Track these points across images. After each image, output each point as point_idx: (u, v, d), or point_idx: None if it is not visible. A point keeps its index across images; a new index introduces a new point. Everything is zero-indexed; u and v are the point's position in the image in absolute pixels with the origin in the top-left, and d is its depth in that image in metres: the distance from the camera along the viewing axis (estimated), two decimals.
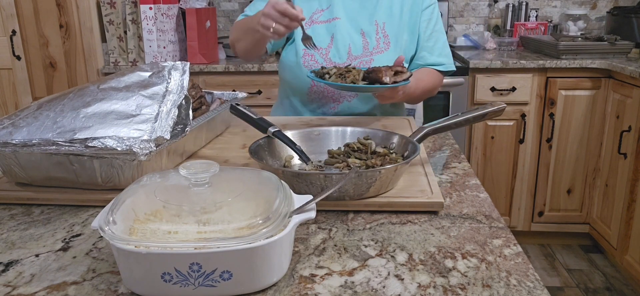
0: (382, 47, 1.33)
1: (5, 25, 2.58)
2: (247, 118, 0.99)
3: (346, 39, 1.33)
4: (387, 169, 0.78)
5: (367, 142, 0.96)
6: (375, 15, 1.35)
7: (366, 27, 1.34)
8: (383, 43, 1.33)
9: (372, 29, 1.34)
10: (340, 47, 1.34)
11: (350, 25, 1.34)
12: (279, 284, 0.60)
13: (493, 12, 2.97)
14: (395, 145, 0.95)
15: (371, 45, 1.33)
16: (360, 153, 0.94)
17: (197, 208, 0.59)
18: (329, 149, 0.98)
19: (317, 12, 1.37)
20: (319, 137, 0.99)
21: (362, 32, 1.34)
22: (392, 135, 0.96)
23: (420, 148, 0.91)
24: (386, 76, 1.12)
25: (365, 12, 1.35)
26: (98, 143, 0.78)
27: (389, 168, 0.78)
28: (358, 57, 1.33)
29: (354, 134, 1.00)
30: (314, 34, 1.32)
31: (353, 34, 1.34)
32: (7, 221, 0.79)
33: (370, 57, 1.33)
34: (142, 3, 2.46)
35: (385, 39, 1.33)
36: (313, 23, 1.35)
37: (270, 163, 0.90)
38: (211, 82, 2.53)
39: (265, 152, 0.92)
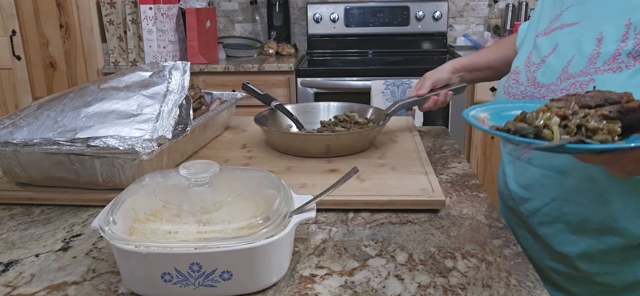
0: (624, 61, 0.76)
1: (5, 25, 2.58)
2: (255, 94, 1.21)
3: (570, 49, 0.84)
4: (366, 131, 1.03)
5: (351, 114, 1.20)
6: (634, 10, 0.79)
7: (609, 29, 0.80)
8: (627, 55, 0.76)
9: (618, 31, 0.79)
10: (557, 61, 0.85)
11: (585, 29, 0.84)
12: (279, 284, 0.60)
13: (493, 12, 2.97)
14: (373, 116, 1.19)
15: (604, 56, 0.78)
16: (346, 122, 1.17)
17: (197, 208, 0.60)
18: (321, 120, 1.21)
19: (556, 19, 0.92)
20: (313, 111, 1.24)
21: (600, 37, 0.81)
22: (369, 108, 1.21)
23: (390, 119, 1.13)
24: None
25: (618, 6, 0.81)
26: (100, 142, 0.78)
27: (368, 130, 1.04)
28: (573, 77, 0.81)
29: (341, 108, 1.24)
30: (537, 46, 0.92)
31: (584, 41, 0.83)
32: (7, 221, 0.79)
33: (590, 77, 0.79)
34: (142, 3, 2.46)
35: (637, 47, 0.76)
36: (543, 34, 0.93)
37: (273, 129, 1.11)
38: (211, 82, 2.53)
39: (268, 121, 1.14)
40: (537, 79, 0.87)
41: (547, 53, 0.89)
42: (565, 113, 0.62)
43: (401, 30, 2.87)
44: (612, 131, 0.59)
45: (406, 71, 2.42)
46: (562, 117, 0.61)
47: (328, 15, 2.87)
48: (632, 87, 0.71)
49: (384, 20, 2.86)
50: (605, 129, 0.59)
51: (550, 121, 0.61)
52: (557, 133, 0.60)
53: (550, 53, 0.88)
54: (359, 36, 2.90)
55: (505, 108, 0.74)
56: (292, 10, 3.03)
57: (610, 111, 0.61)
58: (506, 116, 0.67)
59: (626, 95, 0.63)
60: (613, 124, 0.60)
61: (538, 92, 0.86)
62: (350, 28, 2.88)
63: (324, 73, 2.47)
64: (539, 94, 0.86)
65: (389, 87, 2.38)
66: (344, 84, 2.44)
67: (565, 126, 0.61)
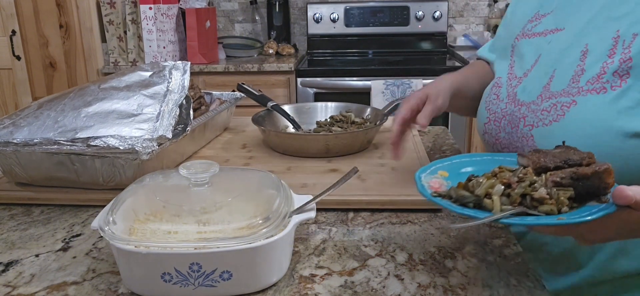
0: (609, 80, 0.68)
1: (5, 25, 2.58)
2: (251, 94, 1.20)
3: (553, 62, 0.76)
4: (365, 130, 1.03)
5: (348, 114, 1.18)
6: (622, 20, 0.70)
7: (594, 41, 0.72)
8: (613, 74, 0.68)
9: (604, 44, 0.70)
10: (538, 75, 0.78)
11: (570, 38, 0.76)
12: (279, 284, 0.60)
13: (493, 12, 2.97)
14: (370, 116, 1.18)
15: (589, 73, 0.70)
16: (342, 122, 1.15)
17: (197, 208, 0.60)
18: (317, 120, 1.19)
19: (534, 20, 0.86)
20: (309, 111, 1.22)
21: (585, 49, 0.72)
22: (366, 108, 1.20)
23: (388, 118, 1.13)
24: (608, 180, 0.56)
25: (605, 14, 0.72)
26: (100, 142, 0.78)
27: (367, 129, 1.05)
28: (554, 96, 0.73)
29: (337, 108, 1.23)
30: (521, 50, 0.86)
31: (569, 53, 0.74)
32: (7, 221, 0.79)
33: (572, 98, 0.71)
34: (142, 3, 2.46)
35: (623, 65, 0.67)
36: (523, 37, 0.86)
37: (269, 128, 1.09)
38: (211, 82, 2.53)
39: (265, 121, 1.13)
40: (518, 96, 0.80)
41: (530, 65, 0.81)
42: (509, 181, 0.57)
43: (401, 30, 2.87)
44: (560, 202, 0.54)
45: (406, 71, 2.42)
46: (506, 185, 0.57)
47: (328, 15, 2.87)
48: (616, 112, 0.66)
49: (384, 20, 2.86)
50: (553, 200, 0.54)
51: (493, 189, 0.57)
52: (498, 204, 0.55)
53: (533, 65, 0.81)
54: (359, 36, 2.90)
55: (463, 164, 0.68)
56: (292, 10, 3.03)
57: (562, 177, 0.56)
58: (465, 174, 0.63)
59: (588, 156, 0.58)
60: (563, 193, 0.55)
61: (518, 111, 0.79)
62: (350, 28, 2.88)
63: (324, 73, 2.47)
64: (519, 114, 0.79)
65: (389, 87, 2.38)
66: (344, 84, 2.44)
67: (508, 195, 0.56)
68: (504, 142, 0.83)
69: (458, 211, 0.55)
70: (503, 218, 0.52)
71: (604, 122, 0.67)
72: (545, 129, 0.73)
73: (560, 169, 0.58)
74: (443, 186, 0.63)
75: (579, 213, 0.53)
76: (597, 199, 0.55)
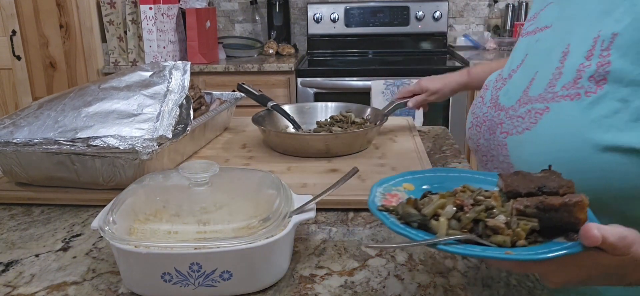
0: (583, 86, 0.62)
1: (5, 25, 2.58)
2: (251, 94, 1.20)
3: (536, 62, 0.71)
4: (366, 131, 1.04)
5: (348, 114, 1.19)
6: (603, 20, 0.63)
7: (576, 41, 0.65)
8: (589, 78, 0.62)
9: (584, 45, 0.64)
10: (521, 77, 0.73)
11: (556, 36, 0.70)
12: (279, 284, 0.60)
13: (493, 12, 2.97)
14: (370, 116, 1.18)
15: (565, 76, 0.64)
16: (343, 122, 1.15)
17: (197, 208, 0.60)
18: (317, 120, 1.20)
19: (533, 17, 0.79)
20: (309, 111, 1.22)
21: (567, 49, 0.66)
22: (366, 108, 1.21)
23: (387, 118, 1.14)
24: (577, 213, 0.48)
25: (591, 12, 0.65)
26: (100, 142, 0.78)
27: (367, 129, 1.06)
28: (531, 101, 0.68)
29: (337, 108, 1.23)
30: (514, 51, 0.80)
31: (552, 53, 0.68)
32: (7, 221, 0.79)
33: (546, 104, 0.65)
34: (142, 3, 2.46)
35: (600, 69, 0.61)
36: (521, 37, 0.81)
37: (270, 128, 1.10)
38: (211, 82, 2.53)
39: (265, 121, 1.13)
40: (499, 100, 0.75)
41: (516, 65, 0.76)
42: (463, 202, 0.50)
43: (401, 30, 2.87)
44: (517, 234, 0.47)
45: (406, 71, 2.42)
46: (459, 207, 0.51)
47: (328, 15, 2.87)
48: (589, 121, 0.59)
49: (384, 20, 2.86)
50: (511, 230, 0.47)
51: (443, 209, 0.51)
52: (444, 227, 0.49)
53: (519, 65, 0.75)
54: (359, 36, 2.90)
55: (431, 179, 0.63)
56: (292, 10, 3.03)
57: (526, 206, 0.48)
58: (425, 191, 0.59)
59: (567, 185, 0.50)
60: (524, 224, 0.48)
61: (497, 116, 0.73)
62: (350, 28, 2.88)
63: (324, 73, 2.47)
64: (497, 119, 0.73)
65: (389, 87, 2.38)
66: (344, 84, 2.44)
67: (459, 218, 0.50)
68: (483, 149, 0.77)
69: (395, 230, 0.49)
70: (441, 244, 0.46)
71: (576, 132, 0.60)
72: (517, 138, 0.67)
73: (533, 195, 0.50)
74: (402, 200, 0.57)
75: (537, 250, 0.45)
76: (566, 236, 0.47)
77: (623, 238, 0.44)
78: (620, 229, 0.45)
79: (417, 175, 0.62)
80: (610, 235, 0.43)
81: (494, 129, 0.74)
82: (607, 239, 0.43)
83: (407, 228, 0.50)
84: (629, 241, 0.44)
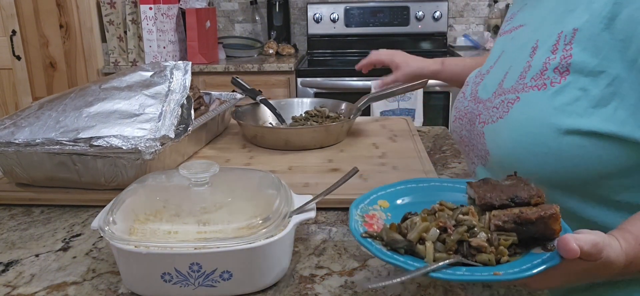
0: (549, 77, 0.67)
1: (5, 25, 2.58)
2: (242, 87, 1.26)
3: (510, 58, 0.77)
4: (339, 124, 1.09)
5: (322, 109, 1.22)
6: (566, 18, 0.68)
7: (543, 37, 0.71)
8: (554, 70, 0.66)
9: (550, 40, 0.69)
10: (497, 72, 0.78)
11: (527, 34, 0.76)
12: (279, 284, 0.60)
13: (493, 12, 2.97)
14: (344, 111, 1.22)
15: (534, 69, 0.69)
16: (317, 117, 1.19)
17: (197, 208, 0.60)
18: (293, 116, 1.24)
19: (510, 18, 0.87)
20: (285, 106, 1.25)
21: (536, 45, 0.71)
22: (341, 103, 1.24)
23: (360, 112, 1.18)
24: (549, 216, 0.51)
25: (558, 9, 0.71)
26: (103, 142, 0.78)
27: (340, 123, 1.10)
28: (504, 93, 0.73)
29: (312, 103, 1.27)
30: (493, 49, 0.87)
31: (523, 50, 0.74)
32: (7, 221, 0.79)
33: (517, 94, 0.70)
34: (142, 3, 2.46)
35: (563, 61, 0.66)
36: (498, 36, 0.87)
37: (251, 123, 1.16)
38: (211, 82, 2.53)
39: (247, 116, 1.19)
40: (478, 93, 0.81)
41: (493, 61, 0.83)
42: (446, 224, 0.52)
43: (401, 31, 2.87)
44: (500, 252, 0.50)
45: None
46: (442, 229, 0.52)
47: (328, 15, 2.87)
48: (553, 108, 0.65)
49: (384, 20, 2.86)
50: (493, 247, 0.50)
51: (427, 233, 0.52)
52: (431, 251, 0.50)
53: (496, 61, 0.82)
54: (359, 36, 2.90)
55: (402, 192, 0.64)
56: (292, 10, 3.03)
57: (504, 221, 0.52)
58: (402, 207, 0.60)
59: (537, 194, 0.54)
60: (505, 240, 0.50)
61: (476, 108, 0.79)
62: (350, 28, 2.88)
63: (324, 73, 2.47)
64: (476, 111, 0.79)
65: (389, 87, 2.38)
66: (344, 84, 2.44)
67: (444, 240, 0.51)
68: (465, 140, 0.83)
69: (384, 259, 0.50)
70: (432, 272, 0.47)
71: (542, 118, 0.66)
72: (493, 126, 0.73)
73: (506, 207, 0.54)
74: (381, 219, 0.58)
75: (520, 264, 0.48)
76: (542, 246, 0.51)
77: (595, 245, 0.47)
78: (591, 236, 0.48)
79: (389, 189, 0.64)
80: (585, 244, 0.47)
81: (474, 121, 0.79)
82: (583, 249, 0.47)
83: (394, 255, 0.50)
84: (600, 247, 0.48)
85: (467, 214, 0.54)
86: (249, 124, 1.15)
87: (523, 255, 0.51)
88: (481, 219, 0.54)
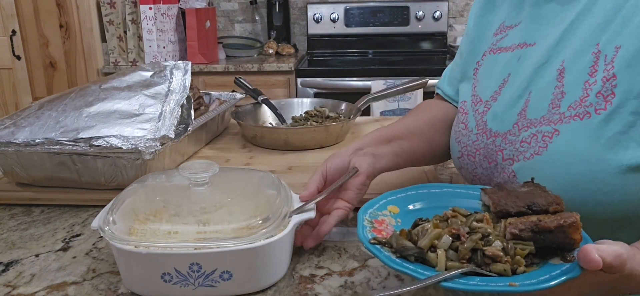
0: (592, 103, 0.59)
1: (5, 25, 2.58)
2: (245, 87, 1.29)
3: (526, 82, 0.67)
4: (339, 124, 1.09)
5: (322, 109, 1.23)
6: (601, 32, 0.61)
7: (572, 57, 0.63)
8: (596, 94, 0.59)
9: (583, 61, 0.62)
10: (510, 99, 0.69)
11: (544, 53, 0.66)
12: (279, 284, 0.60)
13: None
14: (344, 111, 1.23)
15: (570, 95, 0.62)
16: (317, 117, 1.20)
17: (197, 208, 0.60)
18: (293, 116, 1.25)
19: (500, 32, 0.76)
20: (285, 106, 1.27)
21: (562, 67, 0.63)
22: (341, 103, 1.25)
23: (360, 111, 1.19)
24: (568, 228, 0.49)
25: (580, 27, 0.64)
26: (103, 142, 0.78)
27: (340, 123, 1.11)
28: (534, 124, 0.64)
29: (312, 103, 1.29)
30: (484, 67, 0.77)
31: (544, 72, 0.66)
32: (7, 221, 0.79)
33: (554, 126, 0.62)
34: (142, 3, 2.46)
35: (606, 84, 0.59)
36: (489, 52, 0.77)
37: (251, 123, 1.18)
38: (211, 82, 2.53)
39: (247, 116, 1.20)
40: (488, 125, 0.70)
41: (498, 86, 0.71)
42: (459, 231, 0.49)
43: (401, 30, 2.87)
44: (516, 262, 0.47)
45: (406, 71, 2.42)
46: (455, 237, 0.49)
47: (328, 15, 2.87)
48: (606, 140, 0.57)
49: (384, 20, 2.86)
50: (508, 257, 0.47)
51: (439, 240, 0.49)
52: (443, 260, 0.48)
53: (501, 86, 0.71)
54: (359, 36, 2.90)
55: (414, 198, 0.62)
56: (292, 10, 3.03)
57: (521, 229, 0.49)
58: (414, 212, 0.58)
59: (555, 202, 0.51)
60: (521, 249, 0.48)
61: (492, 143, 0.69)
62: (350, 28, 2.88)
63: (324, 73, 2.47)
64: (494, 146, 0.69)
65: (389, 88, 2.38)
66: (344, 84, 2.44)
67: (457, 248, 0.49)
68: (483, 178, 0.72)
69: (393, 266, 0.47)
70: (444, 281, 0.45)
71: (594, 154, 0.58)
72: (527, 164, 0.64)
73: (523, 215, 0.51)
74: (390, 225, 0.56)
75: (538, 275, 0.45)
76: (561, 256, 0.48)
77: (619, 256, 0.44)
78: (615, 247, 0.45)
79: (400, 195, 0.62)
80: (607, 255, 0.44)
81: (493, 157, 0.69)
82: (605, 260, 0.44)
83: (404, 263, 0.48)
84: (624, 258, 0.45)
85: (481, 222, 0.51)
86: (249, 124, 1.15)
87: (540, 266, 0.48)
88: (496, 227, 0.51)
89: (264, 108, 1.23)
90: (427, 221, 0.54)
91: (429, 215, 0.56)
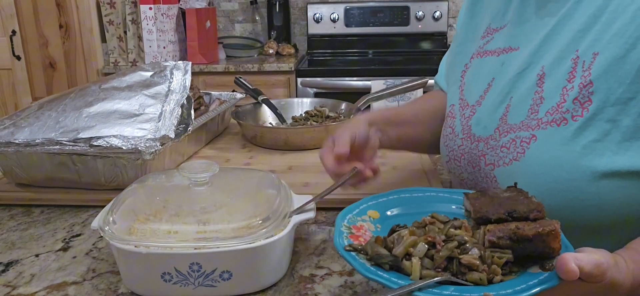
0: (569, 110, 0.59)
1: (5, 25, 2.58)
2: (246, 87, 1.29)
3: (507, 87, 0.67)
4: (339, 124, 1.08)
5: (322, 109, 1.22)
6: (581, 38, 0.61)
7: (551, 62, 0.63)
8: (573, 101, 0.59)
9: (562, 67, 0.61)
10: (492, 103, 0.69)
11: (526, 58, 0.66)
12: (279, 284, 0.60)
13: None
14: (344, 111, 1.22)
15: (548, 101, 0.61)
16: (317, 117, 1.20)
17: (197, 208, 0.60)
18: (293, 116, 1.24)
19: (486, 35, 0.76)
20: (285, 106, 1.26)
21: (541, 73, 0.63)
22: (341, 103, 1.24)
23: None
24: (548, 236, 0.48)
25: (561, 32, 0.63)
26: (103, 142, 0.78)
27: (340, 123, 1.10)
28: (513, 130, 0.64)
29: (312, 103, 1.28)
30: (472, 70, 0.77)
31: (525, 77, 0.65)
32: (7, 221, 0.79)
33: (531, 132, 0.62)
34: (142, 3, 2.46)
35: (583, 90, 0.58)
36: (477, 55, 0.77)
37: (251, 123, 1.17)
38: (211, 82, 2.53)
39: (248, 117, 1.20)
40: (472, 130, 0.70)
41: (483, 90, 0.71)
42: (434, 239, 0.48)
43: (401, 30, 2.87)
44: (492, 271, 0.46)
45: (406, 71, 2.42)
46: (431, 245, 0.48)
47: (328, 15, 2.87)
48: (581, 147, 0.57)
49: (384, 20, 2.86)
50: (485, 265, 0.46)
51: (414, 248, 0.48)
52: (417, 268, 0.46)
53: (486, 90, 0.70)
54: (359, 36, 2.90)
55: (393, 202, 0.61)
56: (292, 10, 3.03)
57: (499, 237, 0.48)
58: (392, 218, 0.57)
59: (536, 209, 0.50)
60: (498, 257, 0.47)
61: (476, 148, 0.69)
62: (350, 28, 2.88)
63: (324, 73, 2.47)
64: (477, 151, 0.69)
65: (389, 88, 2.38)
66: (344, 84, 2.44)
67: (432, 257, 0.48)
68: (469, 182, 0.73)
69: (366, 275, 0.46)
70: (417, 290, 0.44)
71: (570, 161, 0.58)
72: (506, 169, 0.64)
73: (503, 221, 0.50)
74: (369, 231, 0.55)
75: (514, 285, 0.44)
76: (540, 265, 0.47)
77: (598, 265, 0.43)
78: (595, 255, 0.44)
79: (381, 199, 0.61)
80: (586, 264, 0.43)
81: (476, 162, 0.70)
82: (584, 269, 0.42)
83: (378, 272, 0.47)
84: (604, 268, 0.44)
85: (459, 228, 0.50)
86: (249, 124, 1.15)
87: (519, 274, 0.47)
88: (475, 234, 0.50)
89: (264, 108, 1.23)
90: (404, 228, 0.52)
91: (410, 220, 0.55)
